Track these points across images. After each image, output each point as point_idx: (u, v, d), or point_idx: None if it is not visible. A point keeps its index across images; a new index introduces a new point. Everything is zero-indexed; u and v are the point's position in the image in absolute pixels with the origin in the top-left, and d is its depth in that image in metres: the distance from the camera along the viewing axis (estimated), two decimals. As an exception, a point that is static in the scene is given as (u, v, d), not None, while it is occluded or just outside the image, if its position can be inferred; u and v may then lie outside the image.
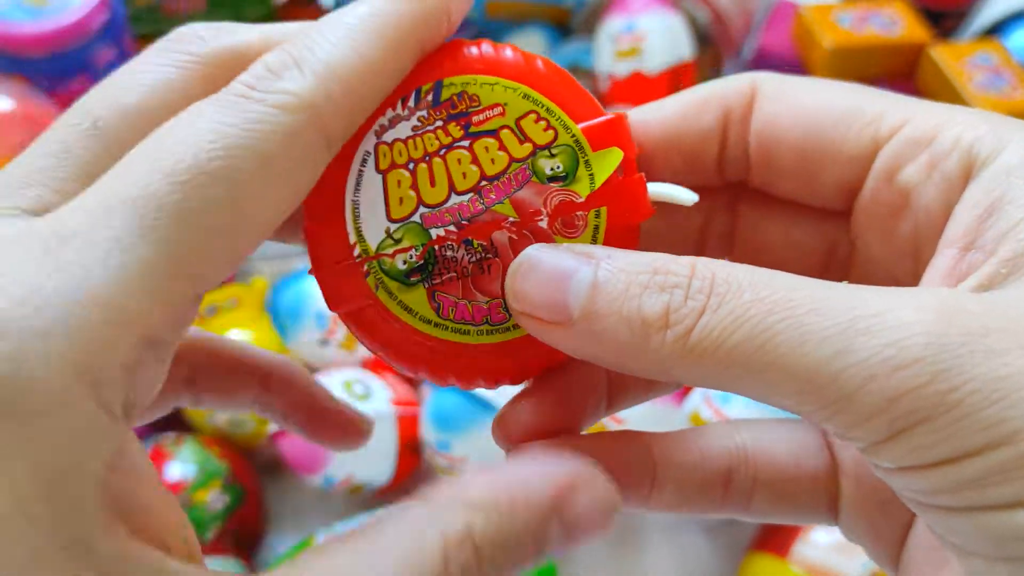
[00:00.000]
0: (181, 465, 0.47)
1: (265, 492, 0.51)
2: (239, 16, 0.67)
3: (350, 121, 0.17)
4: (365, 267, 0.18)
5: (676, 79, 0.64)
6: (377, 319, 0.19)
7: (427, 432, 0.48)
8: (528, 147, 0.18)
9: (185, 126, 0.15)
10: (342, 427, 0.25)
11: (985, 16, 0.71)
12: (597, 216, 0.18)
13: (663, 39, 0.63)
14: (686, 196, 0.19)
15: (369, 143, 0.18)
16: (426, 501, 0.16)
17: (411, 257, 0.18)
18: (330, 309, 0.19)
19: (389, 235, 0.18)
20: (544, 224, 0.18)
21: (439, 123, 0.18)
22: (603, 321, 0.16)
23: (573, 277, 0.17)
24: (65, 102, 0.55)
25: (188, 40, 0.18)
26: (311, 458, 0.47)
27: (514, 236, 0.18)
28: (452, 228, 0.18)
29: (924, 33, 0.65)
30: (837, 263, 0.22)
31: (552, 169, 0.18)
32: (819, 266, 0.22)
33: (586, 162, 0.18)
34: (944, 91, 0.63)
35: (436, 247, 0.19)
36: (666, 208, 0.20)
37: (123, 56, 0.56)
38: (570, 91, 0.19)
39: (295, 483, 0.51)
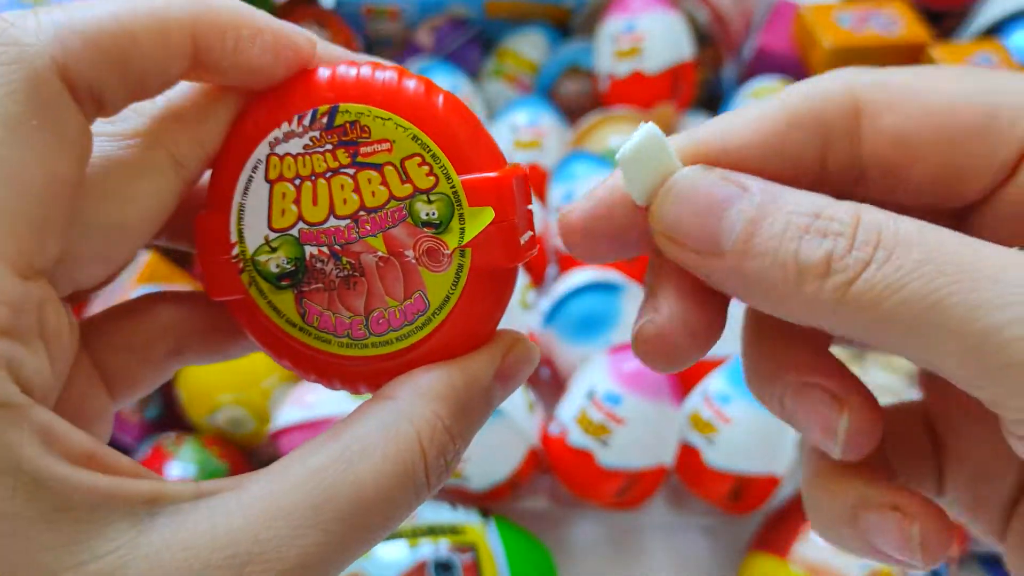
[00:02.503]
0: (181, 465, 0.47)
1: (265, 492, 0.51)
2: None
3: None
4: (241, 264, 0.20)
5: (676, 79, 0.64)
6: (249, 313, 0.20)
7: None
8: (408, 188, 0.19)
9: None
10: None
11: (985, 16, 0.71)
12: (462, 256, 0.19)
13: (663, 39, 0.63)
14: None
15: (262, 152, 0.19)
16: (390, 399, 0.18)
17: (284, 262, 0.19)
18: (209, 296, 0.20)
19: (267, 243, 0.19)
20: (410, 256, 0.19)
21: (329, 147, 0.19)
22: (756, 260, 0.16)
23: (730, 208, 0.17)
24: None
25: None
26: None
27: (381, 263, 0.19)
28: (325, 250, 0.19)
29: (924, 33, 0.65)
30: None
31: (427, 215, 0.19)
32: None
33: (460, 215, 0.18)
34: (944, 91, 0.63)
35: (307, 257, 0.19)
36: None
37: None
38: (466, 137, 0.19)
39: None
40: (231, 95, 0.19)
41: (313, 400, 0.47)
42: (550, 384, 0.56)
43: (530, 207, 0.19)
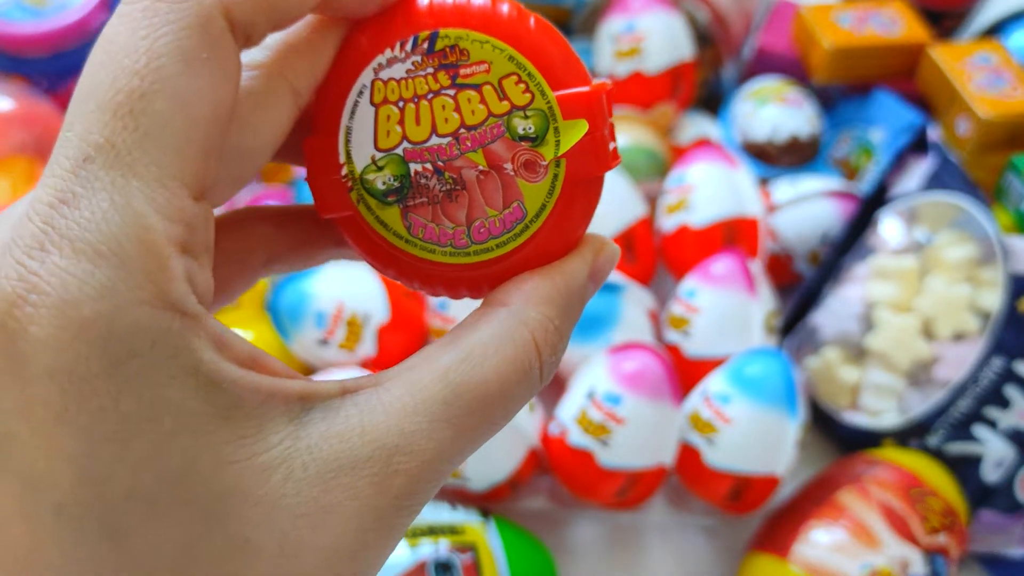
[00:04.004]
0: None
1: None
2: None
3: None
4: (350, 183, 0.21)
5: (676, 79, 0.64)
6: (357, 229, 0.21)
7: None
8: (506, 105, 0.20)
9: None
10: None
11: (985, 16, 0.71)
12: (557, 166, 0.20)
13: (663, 39, 0.63)
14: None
15: (367, 77, 0.21)
16: (504, 305, 0.20)
17: (389, 179, 0.21)
18: (319, 214, 0.21)
19: (374, 162, 0.21)
20: (509, 169, 0.20)
21: (430, 70, 0.20)
22: None
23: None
24: (65, 102, 0.55)
25: None
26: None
27: (481, 176, 0.21)
28: (428, 166, 0.21)
29: (924, 33, 0.65)
30: None
31: (524, 129, 0.20)
32: None
33: (555, 128, 0.20)
34: (944, 91, 0.63)
35: (412, 173, 0.21)
36: None
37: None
38: (558, 56, 0.20)
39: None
40: (337, 25, 0.21)
41: (313, 400, 0.47)
42: (550, 384, 0.56)
43: (612, 120, 0.21)
